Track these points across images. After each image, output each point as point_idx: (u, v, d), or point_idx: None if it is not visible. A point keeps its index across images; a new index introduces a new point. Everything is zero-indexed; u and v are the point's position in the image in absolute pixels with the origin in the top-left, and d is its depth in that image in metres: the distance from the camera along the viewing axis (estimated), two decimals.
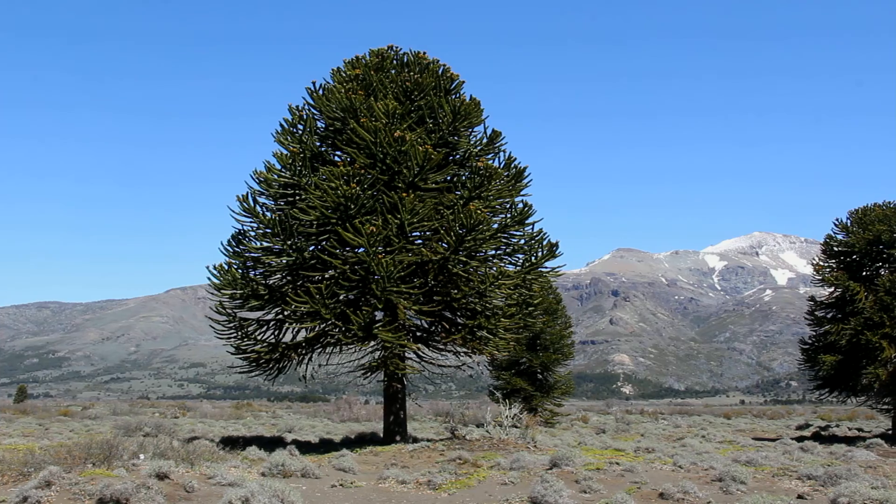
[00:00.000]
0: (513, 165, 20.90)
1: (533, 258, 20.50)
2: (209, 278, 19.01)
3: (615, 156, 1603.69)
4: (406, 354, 19.95)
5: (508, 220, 20.16)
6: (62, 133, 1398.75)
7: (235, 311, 19.84)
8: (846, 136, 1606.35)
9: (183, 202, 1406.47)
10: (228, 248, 19.89)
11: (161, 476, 12.10)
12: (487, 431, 20.49)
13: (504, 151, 21.17)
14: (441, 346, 20.78)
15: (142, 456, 14.21)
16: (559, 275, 21.31)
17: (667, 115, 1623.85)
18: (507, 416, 20.97)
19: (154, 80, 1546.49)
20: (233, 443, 19.79)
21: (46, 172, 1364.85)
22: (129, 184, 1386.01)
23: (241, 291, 19.02)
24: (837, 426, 39.35)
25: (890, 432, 30.64)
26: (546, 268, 20.69)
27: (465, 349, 20.55)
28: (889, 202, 30.83)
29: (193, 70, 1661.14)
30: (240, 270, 19.34)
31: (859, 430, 36.69)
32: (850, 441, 27.96)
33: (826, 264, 31.43)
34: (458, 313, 20.52)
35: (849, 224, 31.07)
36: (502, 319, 19.87)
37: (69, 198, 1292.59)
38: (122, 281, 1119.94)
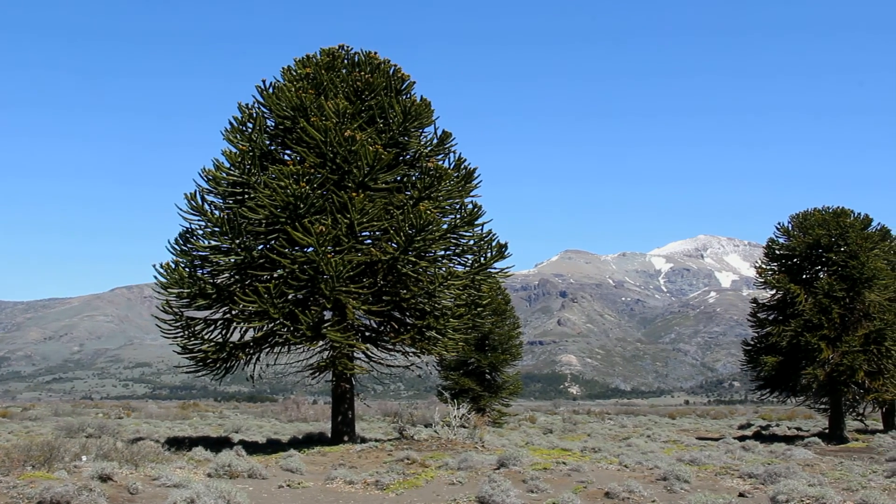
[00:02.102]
0: (463, 166, 20.99)
1: (482, 259, 20.61)
2: (156, 277, 18.77)
3: (563, 157, 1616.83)
4: (354, 354, 19.92)
5: (458, 221, 20.22)
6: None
7: (182, 310, 19.63)
8: (789, 140, 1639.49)
9: (129, 199, 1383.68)
10: (175, 246, 19.67)
11: (104, 478, 11.94)
12: (436, 431, 20.55)
13: (454, 152, 21.27)
14: (390, 346, 20.79)
15: (84, 457, 14.00)
16: (508, 276, 21.44)
17: (614, 117, 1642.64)
18: (455, 416, 21.06)
19: (102, 76, 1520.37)
20: (179, 443, 19.57)
21: None
22: (73, 180, 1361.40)
23: (188, 290, 18.81)
24: (777, 425, 40.23)
25: (826, 431, 31.43)
26: (495, 269, 20.81)
27: (413, 349, 20.59)
28: (828, 207, 31.65)
29: (146, 67, 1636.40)
30: (187, 269, 19.13)
31: (798, 429, 37.56)
32: (789, 440, 28.64)
33: (768, 267, 32.12)
34: (408, 313, 20.55)
35: (790, 228, 31.79)
36: (451, 320, 19.94)
37: (9, 193, 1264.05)
38: (65, 279, 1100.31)
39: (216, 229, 18.88)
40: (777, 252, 32.11)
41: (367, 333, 20.98)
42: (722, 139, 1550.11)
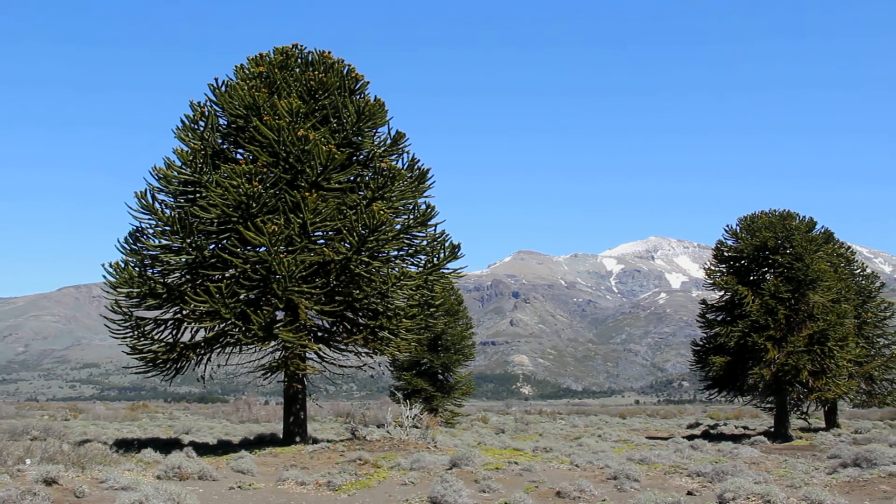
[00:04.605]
0: (416, 167, 21.02)
1: (435, 259, 20.65)
2: (105, 276, 18.48)
3: (518, 157, 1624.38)
4: (307, 355, 19.85)
5: (411, 222, 20.25)
6: None
7: (132, 309, 19.36)
8: (743, 139, 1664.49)
9: (78, 195, 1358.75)
10: (125, 245, 19.38)
11: (49, 481, 11.74)
12: (388, 432, 20.54)
13: (408, 153, 21.29)
14: (342, 347, 20.75)
15: (28, 461, 13.75)
16: (461, 276, 21.49)
17: (565, 112, 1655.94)
18: (407, 417, 21.09)
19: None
20: (127, 445, 19.28)
21: None
22: (18, 174, 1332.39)
23: (138, 290, 18.56)
24: (725, 424, 40.92)
25: (772, 430, 32.03)
26: (448, 269, 20.86)
27: (366, 349, 20.59)
28: (775, 210, 32.29)
29: (102, 68, 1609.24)
30: (137, 268, 18.87)
31: (745, 427, 38.26)
32: (736, 439, 29.14)
33: (717, 269, 32.65)
34: (360, 314, 20.53)
35: (738, 230, 32.33)
36: (404, 320, 19.96)
37: None
38: (10, 278, 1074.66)
39: (167, 228, 18.66)
40: (725, 254, 32.65)
41: (319, 334, 20.91)
42: (675, 138, 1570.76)
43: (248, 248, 18.27)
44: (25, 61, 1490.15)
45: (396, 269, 19.79)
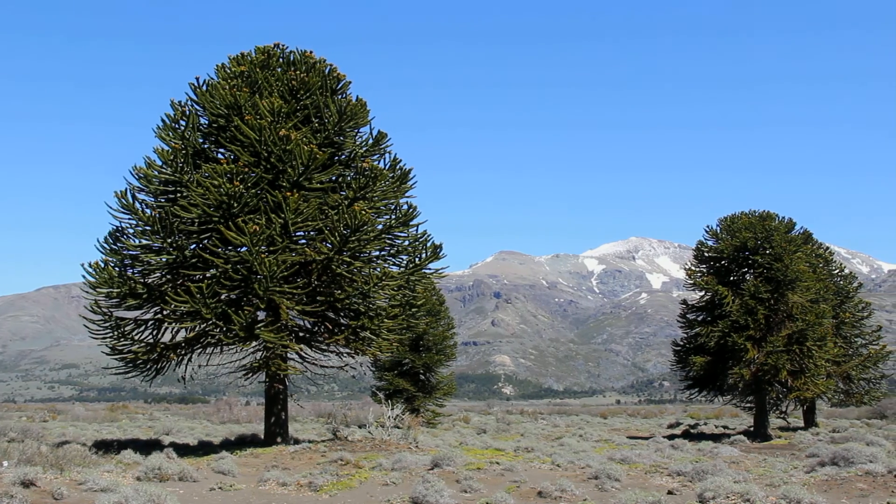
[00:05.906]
0: (398, 167, 21.01)
1: (417, 259, 20.65)
2: (84, 276, 18.35)
3: (498, 158, 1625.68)
4: (288, 355, 19.79)
5: (393, 222, 20.25)
6: None
7: (112, 310, 19.24)
8: (722, 138, 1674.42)
9: (57, 193, 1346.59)
10: (105, 245, 19.25)
11: (27, 483, 11.64)
12: (370, 432, 20.53)
13: (390, 153, 21.28)
14: (324, 347, 20.71)
15: (5, 463, 13.64)
16: (442, 276, 21.52)
17: (548, 109, 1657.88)
18: (389, 417, 21.10)
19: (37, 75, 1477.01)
20: (107, 446, 19.16)
21: None
22: None
23: (118, 290, 18.43)
24: (705, 424, 41.12)
25: (752, 429, 32.22)
26: (429, 269, 20.87)
27: (348, 350, 20.56)
28: (755, 211, 32.45)
29: (82, 65, 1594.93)
30: (117, 268, 18.76)
31: (725, 427, 38.44)
32: (716, 438, 29.28)
33: (697, 269, 32.76)
34: (342, 314, 20.50)
35: (718, 231, 32.49)
36: (385, 320, 19.94)
37: None
38: None
39: (147, 228, 18.55)
40: (706, 254, 32.78)
41: (300, 334, 20.85)
42: (656, 136, 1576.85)
43: (230, 248, 18.20)
44: None
45: (378, 270, 19.76)
